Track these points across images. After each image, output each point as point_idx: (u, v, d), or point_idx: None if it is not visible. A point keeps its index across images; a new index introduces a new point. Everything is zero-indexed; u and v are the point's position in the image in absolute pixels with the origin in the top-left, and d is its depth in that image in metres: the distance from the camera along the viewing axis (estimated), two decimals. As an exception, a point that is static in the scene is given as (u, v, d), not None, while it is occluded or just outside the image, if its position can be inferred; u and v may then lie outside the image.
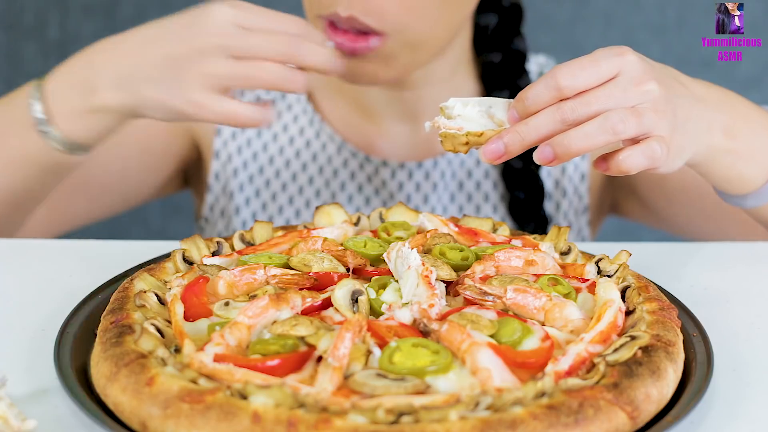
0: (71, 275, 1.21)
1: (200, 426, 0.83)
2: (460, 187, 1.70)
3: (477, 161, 1.70)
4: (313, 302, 1.00)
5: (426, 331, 0.95)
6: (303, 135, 1.70)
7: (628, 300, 1.04)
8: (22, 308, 1.13)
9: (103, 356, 0.93)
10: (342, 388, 0.87)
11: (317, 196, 1.69)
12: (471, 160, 1.71)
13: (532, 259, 1.10)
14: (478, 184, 1.71)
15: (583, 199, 1.74)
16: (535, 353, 0.93)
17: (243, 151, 1.70)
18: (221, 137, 1.70)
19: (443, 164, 1.69)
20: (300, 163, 1.70)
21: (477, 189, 1.71)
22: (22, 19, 2.64)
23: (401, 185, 1.68)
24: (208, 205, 1.73)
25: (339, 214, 1.22)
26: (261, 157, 1.70)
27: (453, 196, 1.70)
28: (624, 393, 0.87)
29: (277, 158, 1.70)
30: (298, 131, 1.71)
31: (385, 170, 1.68)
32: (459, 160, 1.70)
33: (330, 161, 1.69)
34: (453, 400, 0.84)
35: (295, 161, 1.70)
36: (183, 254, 1.12)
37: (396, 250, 1.04)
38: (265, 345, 0.92)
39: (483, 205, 1.70)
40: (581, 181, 1.74)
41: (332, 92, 1.70)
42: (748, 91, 2.56)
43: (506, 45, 1.72)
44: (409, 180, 1.68)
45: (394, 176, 1.68)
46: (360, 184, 1.68)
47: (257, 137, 1.71)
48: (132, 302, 1.00)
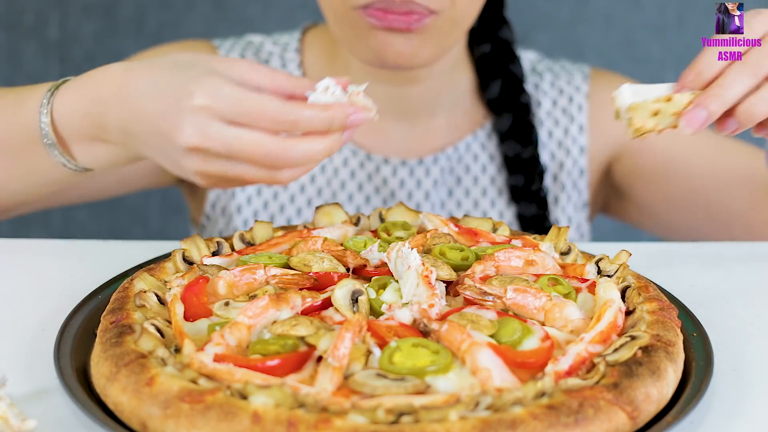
0: (71, 275, 1.21)
1: (200, 426, 0.83)
2: (458, 182, 1.71)
3: (475, 155, 1.71)
4: (313, 302, 1.01)
5: (426, 331, 0.95)
6: None
7: (628, 300, 1.04)
8: (22, 308, 1.13)
9: (103, 356, 0.93)
10: (342, 388, 0.87)
11: (319, 194, 1.69)
12: (469, 154, 1.71)
13: (532, 259, 1.10)
14: (475, 178, 1.71)
15: (582, 195, 1.75)
16: (535, 353, 0.93)
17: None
18: None
19: (443, 160, 1.70)
20: None
21: (475, 183, 1.71)
22: (22, 19, 2.64)
23: (402, 182, 1.68)
24: (209, 203, 1.73)
25: (339, 214, 1.22)
26: None
27: (451, 191, 1.71)
28: (624, 393, 0.87)
29: None
30: None
31: (386, 168, 1.68)
32: (457, 155, 1.70)
33: (331, 160, 1.69)
34: (453, 400, 0.84)
35: None
36: (183, 254, 1.12)
37: (396, 250, 1.04)
38: (265, 345, 0.92)
39: (481, 199, 1.71)
40: (580, 176, 1.74)
41: None
42: (748, 91, 2.56)
43: (494, 34, 1.73)
44: (411, 177, 1.69)
45: (396, 174, 1.68)
46: (360, 182, 1.68)
47: None
48: (132, 302, 1.00)
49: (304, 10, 2.60)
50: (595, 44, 2.67)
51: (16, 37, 2.64)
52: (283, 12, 2.62)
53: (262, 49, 1.74)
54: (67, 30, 2.62)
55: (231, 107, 1.05)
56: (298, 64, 1.72)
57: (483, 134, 1.73)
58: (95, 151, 1.22)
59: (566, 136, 1.75)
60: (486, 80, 1.72)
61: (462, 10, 1.48)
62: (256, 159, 1.06)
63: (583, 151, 1.74)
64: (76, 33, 2.62)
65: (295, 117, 1.05)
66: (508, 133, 1.71)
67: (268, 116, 1.05)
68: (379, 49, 1.47)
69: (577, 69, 1.80)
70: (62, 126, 1.21)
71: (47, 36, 2.62)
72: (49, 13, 2.63)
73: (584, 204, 1.76)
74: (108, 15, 2.62)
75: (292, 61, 1.72)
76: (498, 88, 1.71)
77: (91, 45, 2.62)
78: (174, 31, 2.61)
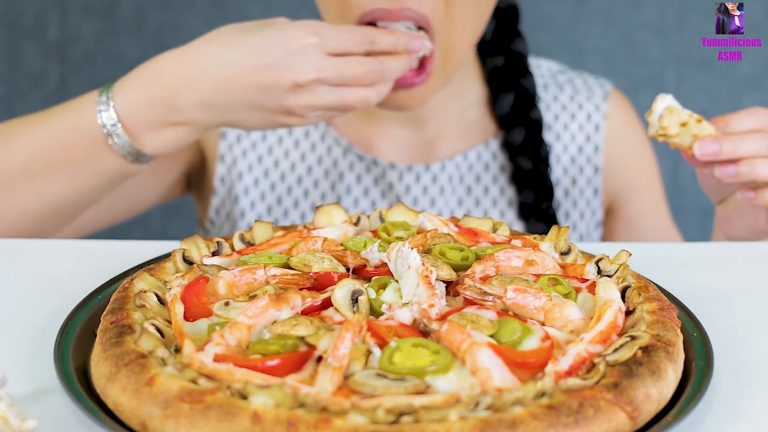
0: (71, 275, 1.21)
1: (200, 426, 0.83)
2: (468, 192, 1.70)
3: (486, 165, 1.70)
4: (313, 302, 1.00)
5: (426, 331, 0.95)
6: (308, 138, 1.71)
7: (628, 300, 1.04)
8: (22, 308, 1.13)
9: (103, 356, 0.93)
10: (342, 388, 0.87)
11: (323, 199, 1.68)
12: (479, 164, 1.70)
13: (532, 259, 1.10)
14: (486, 189, 1.70)
15: (596, 215, 1.74)
16: (535, 353, 0.93)
17: (248, 154, 1.70)
18: (226, 140, 1.70)
19: (451, 168, 1.69)
20: (305, 166, 1.69)
21: (485, 194, 1.70)
22: (22, 19, 2.64)
23: (408, 188, 1.68)
24: (213, 208, 1.73)
25: (339, 214, 1.22)
26: (266, 160, 1.70)
27: (461, 200, 1.69)
28: (624, 393, 0.87)
29: (282, 161, 1.70)
30: (303, 134, 1.71)
31: (392, 173, 1.67)
32: (467, 164, 1.69)
33: (336, 164, 1.69)
34: (453, 400, 0.84)
35: (300, 164, 1.70)
36: (183, 254, 1.12)
37: (396, 250, 1.04)
38: (265, 345, 0.92)
39: (491, 210, 1.70)
40: (594, 196, 1.74)
41: None
42: (748, 91, 2.57)
43: (506, 47, 1.72)
44: (417, 183, 1.68)
45: (402, 179, 1.67)
46: (366, 187, 1.68)
47: (262, 140, 1.71)
48: (132, 302, 1.00)
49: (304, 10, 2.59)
50: (595, 44, 2.67)
51: (16, 37, 2.64)
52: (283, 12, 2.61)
53: None
54: (67, 30, 2.62)
55: (333, 41, 1.28)
56: None
57: (495, 144, 1.71)
58: (164, 137, 1.35)
59: (580, 153, 1.73)
60: (497, 93, 1.71)
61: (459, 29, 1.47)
62: (362, 77, 1.29)
63: (597, 172, 1.73)
64: (76, 33, 2.62)
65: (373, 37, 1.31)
66: (520, 148, 1.70)
67: (358, 41, 1.29)
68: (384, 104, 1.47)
69: (599, 86, 1.78)
70: (129, 120, 1.32)
71: (47, 36, 2.62)
72: (49, 13, 2.63)
73: (598, 224, 1.75)
74: (108, 15, 2.62)
75: None
76: (509, 104, 1.70)
77: (91, 45, 2.62)
78: (174, 31, 2.61)
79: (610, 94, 1.77)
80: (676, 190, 2.70)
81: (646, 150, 1.80)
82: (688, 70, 2.64)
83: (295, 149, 1.70)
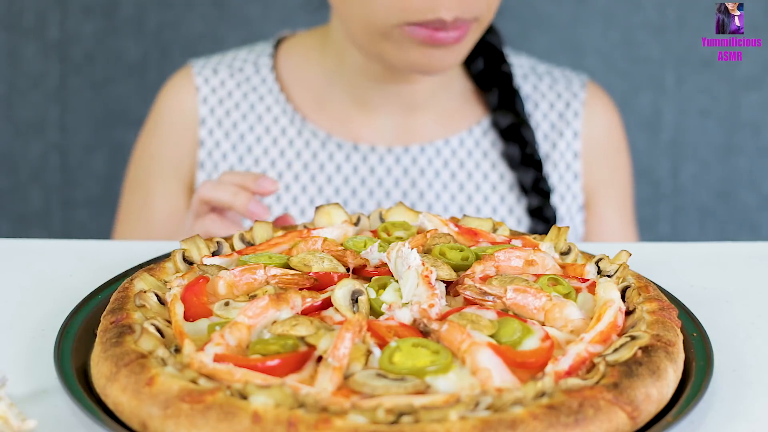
0: (71, 275, 1.21)
1: (200, 426, 0.83)
2: (453, 177, 1.73)
3: (469, 151, 1.74)
4: (313, 302, 1.00)
5: (426, 331, 0.95)
6: (285, 135, 1.75)
7: (628, 300, 1.04)
8: (22, 308, 1.13)
9: (103, 356, 0.93)
10: (342, 388, 0.87)
11: (303, 191, 1.72)
12: (462, 150, 1.73)
13: (532, 259, 1.10)
14: (469, 174, 1.74)
15: (577, 198, 1.78)
16: (535, 353, 0.93)
17: (228, 156, 1.75)
18: (205, 148, 1.74)
19: (431, 151, 1.72)
20: (285, 161, 1.74)
21: (469, 179, 1.74)
22: (22, 19, 2.64)
23: (389, 170, 1.71)
24: None
25: (339, 214, 1.22)
26: (247, 160, 1.74)
27: (445, 184, 1.73)
28: (624, 393, 0.87)
29: (262, 159, 1.74)
30: (281, 132, 1.75)
31: (373, 156, 1.71)
32: (450, 149, 1.73)
33: (315, 156, 1.72)
34: (453, 400, 0.84)
35: (279, 160, 1.74)
36: (183, 254, 1.12)
37: (396, 250, 1.04)
38: (265, 345, 0.92)
39: (474, 194, 1.73)
40: (574, 180, 1.77)
41: (322, 88, 1.73)
42: (748, 91, 2.56)
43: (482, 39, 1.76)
44: (397, 164, 1.71)
45: (382, 161, 1.71)
46: (346, 175, 1.71)
47: (241, 141, 1.75)
48: (132, 302, 1.00)
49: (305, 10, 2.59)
50: (595, 44, 2.67)
51: (16, 37, 2.64)
52: (283, 12, 2.62)
53: (237, 57, 1.81)
54: (67, 30, 2.62)
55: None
56: (270, 68, 1.77)
57: (479, 131, 1.75)
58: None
59: (561, 138, 1.78)
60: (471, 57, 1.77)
61: (492, 12, 1.57)
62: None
63: (576, 156, 1.77)
64: (76, 33, 2.62)
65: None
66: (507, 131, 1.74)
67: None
68: (423, 63, 1.55)
69: (576, 76, 1.85)
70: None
71: (47, 36, 2.62)
72: (49, 13, 2.63)
73: (580, 207, 1.78)
74: (108, 15, 2.61)
75: (265, 66, 1.77)
76: (482, 62, 1.77)
77: (91, 45, 2.62)
78: (174, 31, 2.61)
79: (587, 84, 1.84)
80: (676, 190, 2.70)
81: (622, 142, 1.85)
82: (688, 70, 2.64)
83: (274, 146, 1.74)
